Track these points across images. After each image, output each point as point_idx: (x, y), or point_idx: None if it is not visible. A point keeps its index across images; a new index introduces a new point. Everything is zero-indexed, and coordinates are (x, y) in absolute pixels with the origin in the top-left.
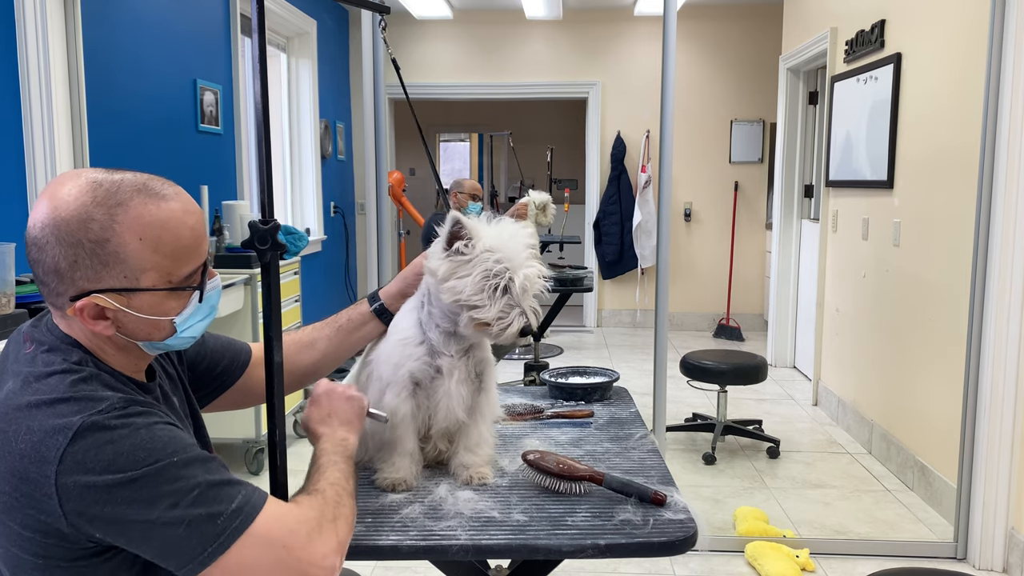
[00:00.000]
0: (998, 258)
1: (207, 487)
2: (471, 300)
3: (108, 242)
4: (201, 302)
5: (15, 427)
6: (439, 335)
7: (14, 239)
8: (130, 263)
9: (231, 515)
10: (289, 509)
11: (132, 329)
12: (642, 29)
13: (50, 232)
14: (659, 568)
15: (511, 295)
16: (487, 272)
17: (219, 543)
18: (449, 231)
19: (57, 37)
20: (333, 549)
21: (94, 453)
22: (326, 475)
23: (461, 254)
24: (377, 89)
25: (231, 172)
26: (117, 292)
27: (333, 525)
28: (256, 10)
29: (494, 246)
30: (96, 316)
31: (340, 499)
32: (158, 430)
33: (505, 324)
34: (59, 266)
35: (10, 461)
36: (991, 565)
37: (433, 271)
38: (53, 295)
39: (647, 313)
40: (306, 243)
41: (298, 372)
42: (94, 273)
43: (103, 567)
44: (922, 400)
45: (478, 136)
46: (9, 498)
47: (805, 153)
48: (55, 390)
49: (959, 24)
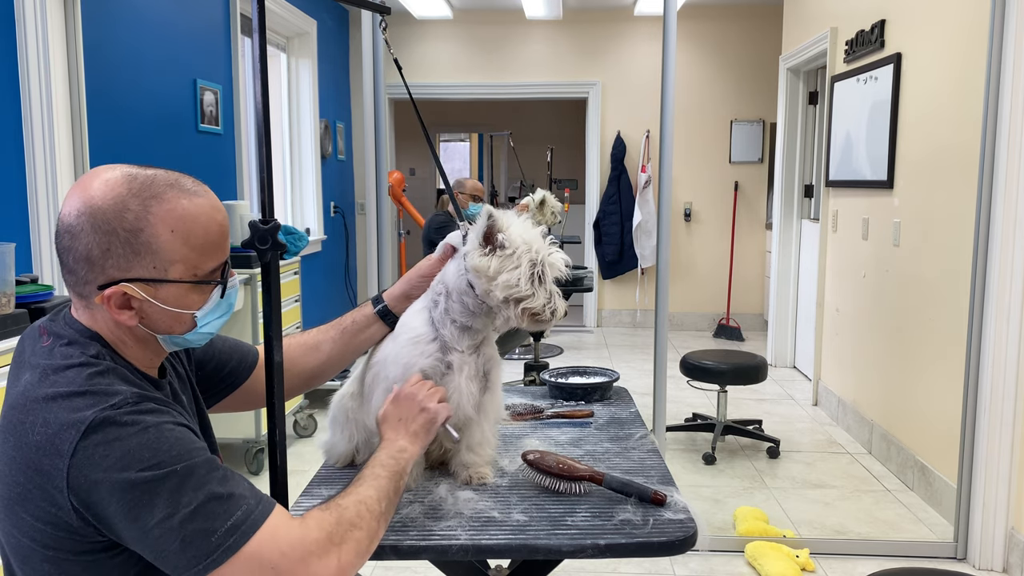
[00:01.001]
0: (998, 258)
1: (206, 500)
2: (524, 291)
3: (142, 232)
4: (222, 298)
5: (32, 419)
6: (454, 331)
7: (14, 239)
8: (161, 254)
9: (226, 532)
10: (289, 528)
11: (155, 321)
12: (642, 29)
13: (86, 220)
14: (659, 568)
15: (546, 282)
16: (532, 261)
17: (212, 559)
18: (485, 226)
19: (57, 37)
20: (330, 574)
21: (103, 449)
22: (359, 490)
23: (503, 248)
24: (377, 89)
25: (231, 172)
26: (145, 282)
27: (338, 549)
28: (256, 10)
29: (527, 237)
30: (122, 306)
31: (359, 520)
32: (167, 430)
33: (552, 308)
34: (91, 254)
35: (26, 452)
36: (991, 565)
37: (482, 268)
38: (81, 283)
39: (647, 313)
40: (306, 243)
41: (304, 375)
42: (125, 262)
43: (109, 563)
44: (922, 400)
45: (478, 136)
46: (23, 489)
47: (805, 153)
48: (72, 383)
49: (959, 24)
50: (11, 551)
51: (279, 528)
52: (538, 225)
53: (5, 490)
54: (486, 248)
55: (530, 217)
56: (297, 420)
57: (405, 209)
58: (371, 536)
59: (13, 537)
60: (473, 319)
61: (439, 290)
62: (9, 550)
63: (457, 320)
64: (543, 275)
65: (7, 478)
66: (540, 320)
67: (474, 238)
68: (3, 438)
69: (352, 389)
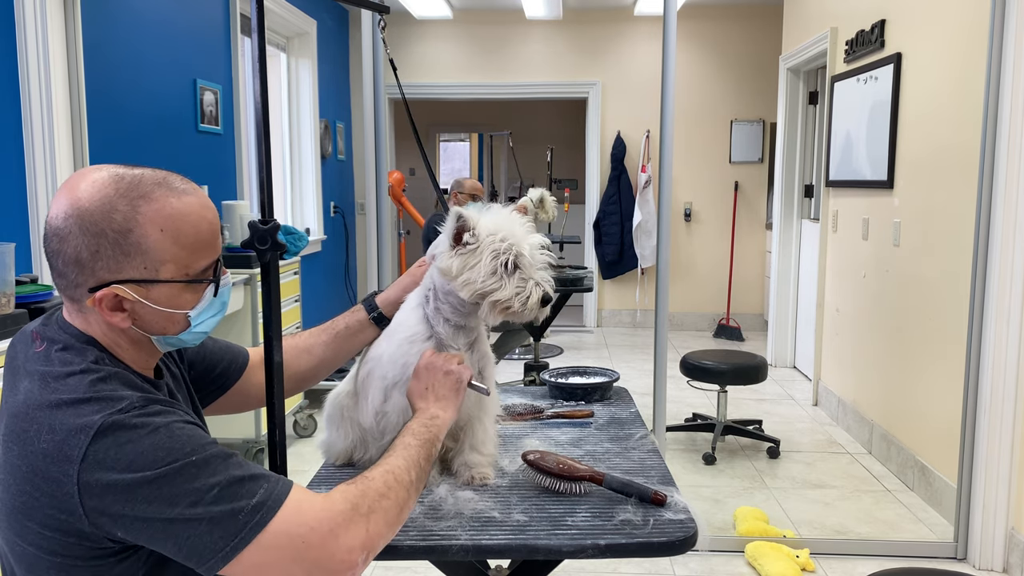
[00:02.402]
0: (998, 258)
1: (227, 484)
2: (487, 286)
3: (131, 232)
4: (216, 296)
5: (36, 427)
6: (448, 329)
7: (14, 239)
8: (151, 254)
9: (252, 510)
10: (313, 502)
11: (148, 322)
12: (642, 29)
13: (73, 222)
14: (659, 568)
15: (521, 269)
16: (495, 252)
17: (240, 538)
18: (455, 227)
19: (57, 37)
20: (359, 544)
21: (115, 452)
22: (388, 460)
23: (467, 245)
24: (377, 89)
25: (231, 172)
26: (136, 283)
27: (365, 519)
28: (256, 10)
29: (494, 228)
30: (114, 308)
31: (388, 490)
32: (177, 428)
33: (524, 296)
34: (80, 256)
35: (32, 460)
36: (991, 565)
37: (446, 271)
38: (72, 287)
39: (647, 313)
40: (306, 243)
41: (296, 377)
42: (115, 263)
43: (118, 567)
44: (922, 400)
45: (478, 136)
46: (29, 497)
47: (805, 153)
48: (75, 390)
49: (959, 24)
50: (15, 559)
51: (303, 503)
52: (538, 223)
53: (9, 499)
54: (454, 249)
55: (531, 217)
56: (297, 420)
57: (405, 209)
58: (400, 505)
59: (17, 545)
60: (465, 318)
61: (428, 285)
62: (13, 558)
63: (450, 319)
64: (510, 264)
65: (11, 487)
66: (513, 312)
67: (444, 240)
68: (5, 447)
69: (348, 388)
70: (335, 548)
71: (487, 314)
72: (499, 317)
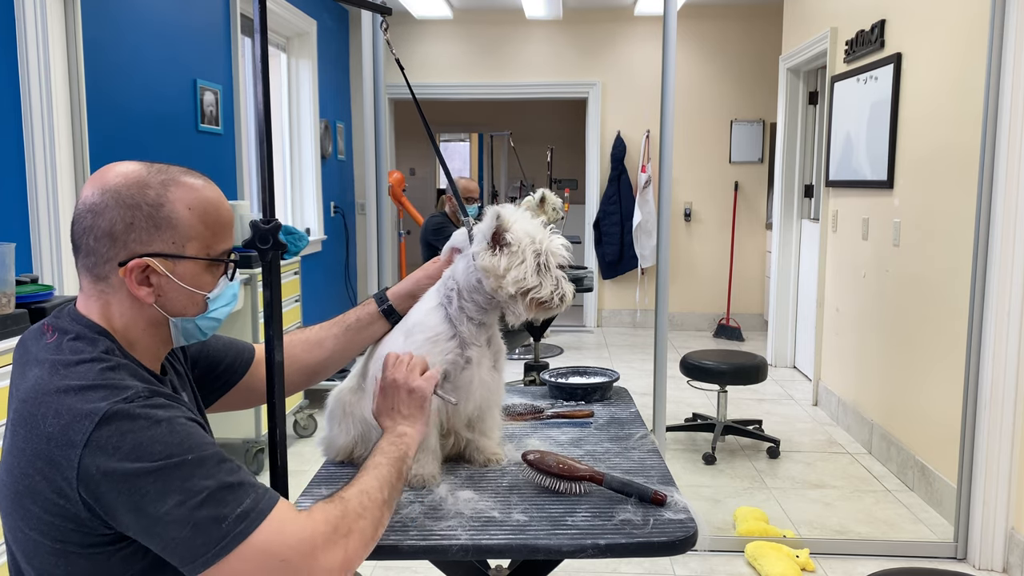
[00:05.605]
0: (998, 258)
1: (217, 489)
2: (531, 283)
3: (163, 207)
4: (231, 280)
5: (43, 411)
6: (471, 327)
7: (14, 239)
8: (179, 229)
9: (236, 519)
10: (295, 521)
11: (171, 299)
12: (642, 29)
13: (110, 196)
14: (659, 568)
15: (551, 269)
16: (536, 252)
17: (222, 546)
18: (493, 227)
19: (57, 37)
20: (338, 565)
21: (116, 440)
22: (361, 480)
23: (509, 245)
24: (377, 89)
25: (231, 172)
26: (164, 257)
27: (344, 540)
28: (258, 10)
29: (528, 230)
30: (142, 281)
31: (363, 511)
32: (178, 424)
33: (561, 294)
34: (115, 228)
35: (37, 444)
36: (991, 565)
37: (491, 269)
38: (101, 263)
39: (647, 313)
40: (306, 243)
41: (307, 371)
42: (147, 235)
43: (116, 556)
44: (922, 400)
45: (478, 136)
46: (32, 481)
47: (805, 153)
48: (84, 377)
49: (959, 24)
50: (18, 547)
51: (285, 521)
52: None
53: (13, 483)
54: (493, 248)
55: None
56: (297, 420)
57: (405, 209)
58: (375, 524)
59: (21, 532)
60: (485, 315)
61: (451, 286)
62: (16, 547)
63: (474, 318)
64: (547, 264)
65: (16, 471)
66: (549, 307)
67: (481, 239)
68: (12, 431)
69: (352, 384)
70: (315, 569)
71: (524, 309)
72: (533, 313)
